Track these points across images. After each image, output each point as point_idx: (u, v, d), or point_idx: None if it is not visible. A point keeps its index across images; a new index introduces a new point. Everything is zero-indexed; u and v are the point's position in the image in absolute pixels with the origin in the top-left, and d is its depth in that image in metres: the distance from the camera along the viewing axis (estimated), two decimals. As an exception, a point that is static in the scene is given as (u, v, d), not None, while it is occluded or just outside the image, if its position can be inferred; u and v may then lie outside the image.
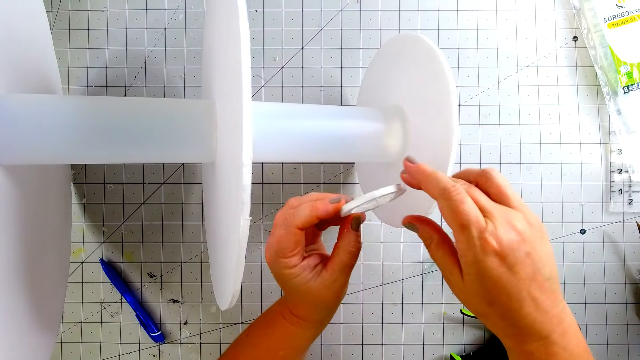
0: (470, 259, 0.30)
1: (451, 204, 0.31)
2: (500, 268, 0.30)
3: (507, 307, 0.31)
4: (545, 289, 0.31)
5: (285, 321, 0.43)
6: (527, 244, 0.31)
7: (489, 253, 0.30)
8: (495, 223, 0.30)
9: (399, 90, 0.48)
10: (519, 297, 0.30)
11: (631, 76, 0.57)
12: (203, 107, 0.40)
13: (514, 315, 0.31)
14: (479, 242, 0.30)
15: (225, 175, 0.36)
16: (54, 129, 0.35)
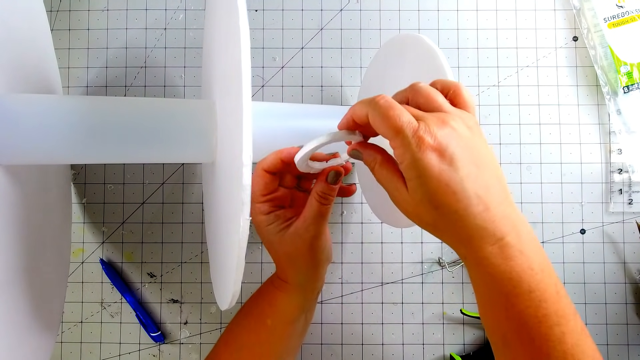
0: (408, 160, 0.29)
1: (380, 111, 0.30)
2: (440, 164, 0.29)
3: (454, 207, 0.29)
4: (492, 186, 0.30)
5: (273, 287, 0.44)
6: (465, 139, 0.30)
7: (425, 149, 0.29)
8: (428, 122, 0.29)
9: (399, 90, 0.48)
10: (464, 195, 0.29)
11: (631, 76, 0.57)
12: (203, 107, 0.40)
13: (463, 216, 0.29)
14: (413, 140, 0.29)
15: (225, 175, 0.36)
16: (54, 129, 0.35)
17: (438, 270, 0.58)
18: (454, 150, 0.29)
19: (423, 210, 0.30)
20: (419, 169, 0.29)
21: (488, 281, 0.31)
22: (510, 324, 0.31)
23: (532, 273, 0.30)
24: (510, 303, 0.30)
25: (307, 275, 0.43)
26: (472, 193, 0.29)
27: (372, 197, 0.55)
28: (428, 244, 0.59)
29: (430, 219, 0.31)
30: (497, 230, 0.30)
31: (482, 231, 0.30)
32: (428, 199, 0.30)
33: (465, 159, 0.29)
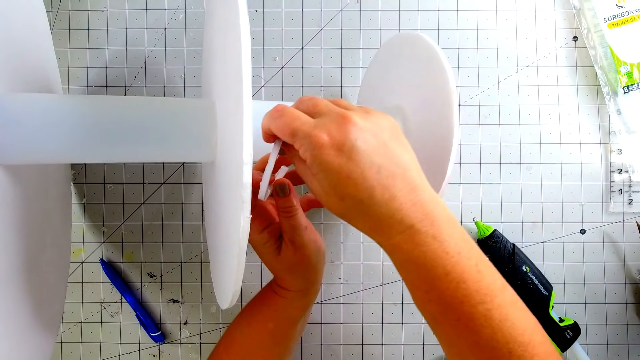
0: (309, 159, 0.30)
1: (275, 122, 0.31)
2: (338, 158, 0.29)
3: (358, 198, 0.30)
4: (397, 176, 0.30)
5: (273, 294, 0.45)
6: (366, 132, 0.30)
7: (322, 146, 0.29)
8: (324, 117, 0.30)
9: (399, 90, 0.48)
10: (366, 185, 0.29)
11: (631, 76, 0.57)
12: (203, 106, 0.40)
13: (369, 205, 0.30)
14: (309, 139, 0.30)
15: (225, 174, 0.36)
16: (54, 129, 0.35)
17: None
18: (353, 144, 0.29)
19: (332, 202, 0.31)
20: (320, 164, 0.30)
21: (405, 266, 0.32)
22: (434, 305, 0.31)
23: (447, 257, 0.30)
24: (429, 286, 0.31)
25: (307, 281, 0.44)
26: (375, 183, 0.30)
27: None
28: (428, 244, 0.59)
29: (340, 209, 0.31)
30: (406, 218, 0.30)
31: (389, 219, 0.30)
32: (333, 191, 0.30)
33: (367, 151, 0.30)
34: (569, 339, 0.55)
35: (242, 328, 0.46)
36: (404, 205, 0.30)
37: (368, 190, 0.30)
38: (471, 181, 0.59)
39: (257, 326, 0.45)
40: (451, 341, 0.32)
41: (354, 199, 0.30)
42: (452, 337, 0.31)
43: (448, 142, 0.40)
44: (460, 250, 0.31)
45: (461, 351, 0.31)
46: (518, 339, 0.30)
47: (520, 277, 0.55)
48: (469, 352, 0.31)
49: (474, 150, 0.59)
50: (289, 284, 0.44)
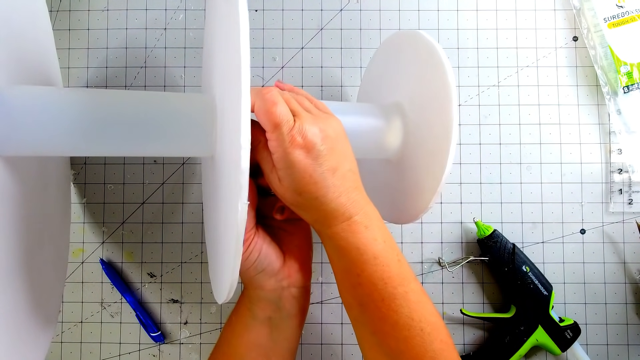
0: (280, 154, 0.35)
1: (266, 105, 0.34)
2: (306, 160, 0.35)
3: (315, 194, 0.35)
4: (347, 178, 0.37)
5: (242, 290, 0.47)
6: (330, 140, 0.36)
7: (295, 147, 0.34)
8: (303, 122, 0.35)
9: (399, 87, 0.48)
10: (324, 185, 0.35)
11: (631, 76, 0.57)
12: (203, 101, 0.40)
13: (322, 201, 0.36)
14: (288, 137, 0.34)
15: (223, 164, 0.36)
16: (54, 121, 0.35)
17: (438, 270, 0.58)
18: (320, 148, 0.35)
19: (289, 195, 0.36)
20: (288, 162, 0.35)
21: (341, 253, 0.37)
22: (363, 288, 0.37)
23: (376, 243, 0.37)
24: (360, 269, 0.36)
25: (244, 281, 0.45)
26: (330, 183, 0.36)
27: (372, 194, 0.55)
28: (428, 244, 0.59)
29: (294, 202, 0.37)
30: (347, 211, 0.37)
31: (335, 212, 0.36)
32: (294, 187, 0.36)
33: (328, 155, 0.35)
34: (569, 339, 0.55)
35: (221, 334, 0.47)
36: (348, 202, 0.37)
37: (324, 189, 0.35)
38: (471, 181, 0.59)
39: (228, 319, 0.46)
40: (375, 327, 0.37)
41: (311, 194, 0.36)
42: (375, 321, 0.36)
43: (447, 138, 0.40)
44: (385, 239, 0.37)
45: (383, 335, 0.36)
46: (429, 319, 0.37)
47: (520, 277, 0.55)
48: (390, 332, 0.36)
49: (474, 150, 0.59)
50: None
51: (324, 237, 0.38)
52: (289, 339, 0.44)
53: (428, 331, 0.36)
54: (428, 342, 0.36)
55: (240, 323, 0.44)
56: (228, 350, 0.44)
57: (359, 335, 0.39)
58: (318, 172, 0.35)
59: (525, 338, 0.55)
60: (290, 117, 0.35)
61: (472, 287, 0.58)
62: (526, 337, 0.55)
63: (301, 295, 0.44)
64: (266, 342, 0.43)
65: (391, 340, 0.36)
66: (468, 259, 0.58)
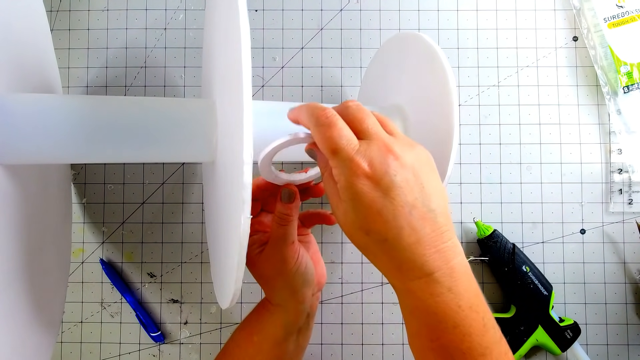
0: (343, 183, 0.29)
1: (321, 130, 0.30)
2: (373, 192, 0.29)
3: (384, 235, 0.29)
4: (428, 220, 0.29)
5: (261, 307, 0.44)
6: (407, 169, 0.29)
7: (359, 175, 0.29)
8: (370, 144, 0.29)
9: (399, 89, 0.48)
10: (396, 225, 0.29)
11: (631, 76, 0.57)
12: (204, 106, 0.40)
13: (393, 245, 0.29)
14: (349, 164, 0.29)
15: (225, 174, 0.36)
16: (54, 129, 0.35)
17: (438, 270, 0.58)
18: (392, 180, 0.29)
19: (355, 232, 0.30)
20: (352, 193, 0.29)
21: (415, 313, 0.31)
22: (436, 354, 0.31)
23: (459, 310, 0.30)
24: (435, 335, 0.30)
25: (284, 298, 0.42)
26: (404, 224, 0.29)
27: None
28: (428, 244, 0.59)
29: (362, 243, 0.31)
30: (427, 265, 0.29)
31: (410, 263, 0.30)
32: (359, 224, 0.30)
33: (403, 189, 0.29)
34: (569, 339, 0.55)
35: (234, 338, 0.45)
36: (428, 252, 0.30)
37: (396, 229, 0.29)
38: (471, 181, 0.59)
39: (244, 338, 0.44)
40: None
41: (380, 236, 0.29)
42: None
43: (448, 142, 0.40)
44: (471, 304, 0.31)
45: None
46: None
47: (520, 277, 0.55)
48: None
49: (474, 150, 0.59)
50: (268, 296, 0.44)
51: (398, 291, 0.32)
52: (306, 341, 0.45)
53: None
54: None
55: (268, 341, 0.42)
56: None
57: None
58: (388, 208, 0.29)
59: (525, 338, 0.55)
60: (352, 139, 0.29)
61: (472, 287, 0.58)
62: (526, 337, 0.55)
63: (318, 297, 0.45)
64: (292, 350, 0.43)
65: None
66: (468, 259, 0.57)
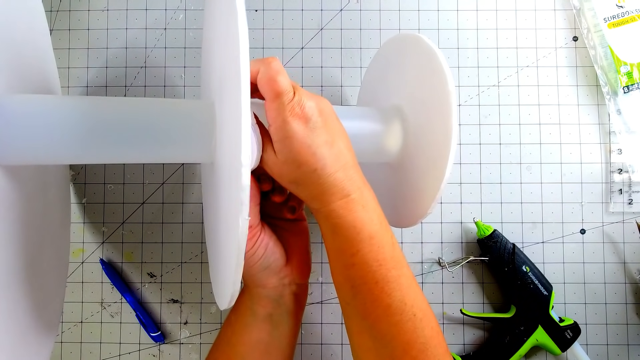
0: (279, 123, 0.34)
1: (269, 73, 0.34)
2: (304, 130, 0.35)
3: (313, 166, 0.35)
4: (343, 154, 0.36)
5: (243, 286, 0.46)
6: (324, 115, 0.36)
7: (295, 117, 0.34)
8: (301, 95, 0.35)
9: (398, 90, 0.48)
10: (322, 157, 0.35)
11: (631, 76, 0.57)
12: (202, 107, 0.40)
13: (319, 174, 0.35)
14: (288, 107, 0.34)
15: (224, 175, 0.36)
16: (53, 130, 0.35)
17: (438, 270, 0.58)
18: (316, 121, 0.35)
19: (287, 169, 0.36)
20: (287, 131, 0.34)
21: (336, 231, 0.36)
22: (356, 269, 0.36)
23: (372, 223, 0.36)
24: (355, 248, 0.36)
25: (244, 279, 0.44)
26: (327, 155, 0.35)
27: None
28: (428, 244, 0.59)
29: (292, 177, 0.36)
30: (345, 188, 0.36)
31: (333, 188, 0.36)
32: (292, 158, 0.35)
33: (324, 129, 0.35)
34: (569, 339, 0.55)
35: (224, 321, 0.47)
36: (346, 178, 0.36)
37: (322, 161, 0.35)
38: (471, 181, 0.59)
39: (227, 318, 0.46)
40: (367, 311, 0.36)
41: (309, 167, 0.35)
42: (367, 305, 0.36)
43: (447, 142, 0.40)
44: (380, 222, 0.37)
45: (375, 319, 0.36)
46: (421, 305, 0.36)
47: (520, 277, 0.55)
48: (382, 316, 0.35)
49: (474, 150, 0.59)
50: None
51: (321, 215, 0.38)
52: (288, 335, 0.44)
53: (420, 317, 0.36)
54: (420, 328, 0.36)
55: (240, 322, 0.44)
56: (228, 349, 0.44)
57: (349, 321, 0.38)
58: (316, 143, 0.35)
59: (525, 338, 0.55)
60: (291, 88, 0.35)
61: (472, 287, 0.58)
62: (526, 337, 0.55)
63: (301, 291, 0.45)
64: (267, 339, 0.43)
65: (382, 325, 0.35)
66: (468, 259, 0.58)
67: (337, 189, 0.36)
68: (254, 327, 0.43)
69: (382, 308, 0.35)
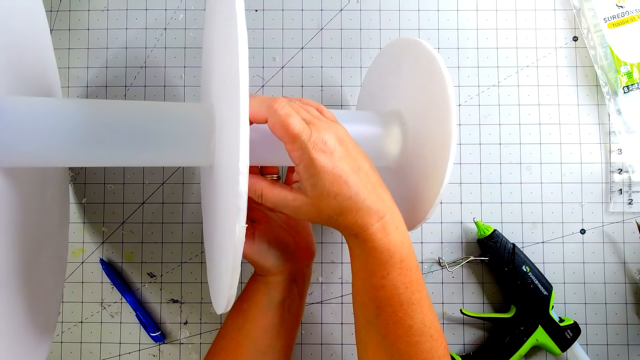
0: (306, 161, 0.35)
1: (280, 119, 0.34)
2: (332, 162, 0.35)
3: (348, 193, 0.35)
4: (371, 176, 0.37)
5: (251, 277, 0.48)
6: (344, 144, 0.37)
7: (320, 152, 0.35)
8: (319, 128, 0.35)
9: (398, 95, 0.48)
10: (354, 184, 0.36)
11: (631, 76, 0.57)
12: (202, 111, 0.40)
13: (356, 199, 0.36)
14: (310, 144, 0.34)
15: (222, 180, 0.36)
16: (52, 132, 0.35)
17: (438, 270, 0.58)
18: (340, 150, 0.36)
19: (324, 204, 0.36)
20: (317, 167, 0.35)
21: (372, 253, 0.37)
22: (385, 291, 0.37)
23: (403, 246, 0.37)
24: (386, 271, 0.37)
25: (259, 271, 0.47)
26: (358, 181, 0.36)
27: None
28: (428, 244, 0.59)
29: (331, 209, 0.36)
30: (380, 210, 0.37)
31: (370, 211, 0.36)
32: (327, 191, 0.35)
33: (348, 156, 0.36)
34: (569, 339, 0.55)
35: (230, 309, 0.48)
36: (378, 199, 0.37)
37: (356, 187, 0.36)
38: (471, 181, 0.59)
39: (236, 305, 0.47)
40: (388, 330, 0.37)
41: (345, 196, 0.35)
42: (390, 325, 0.37)
43: (446, 147, 0.39)
44: (409, 243, 0.38)
45: (395, 339, 0.37)
46: (436, 326, 0.38)
47: (520, 277, 0.55)
48: (403, 336, 0.37)
49: (474, 150, 0.59)
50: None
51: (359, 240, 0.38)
52: (297, 316, 0.48)
53: (435, 337, 0.37)
54: (435, 348, 0.37)
55: (255, 308, 0.46)
56: (239, 335, 0.45)
57: (367, 336, 0.39)
58: (346, 171, 0.35)
59: (525, 338, 0.55)
60: (305, 127, 0.35)
61: (472, 287, 0.58)
62: (526, 337, 0.55)
63: (309, 272, 0.49)
64: (279, 322, 0.46)
65: (402, 345, 0.37)
66: (468, 259, 0.58)
67: (373, 212, 0.36)
68: (269, 312, 0.45)
69: (404, 329, 0.37)
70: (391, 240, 0.37)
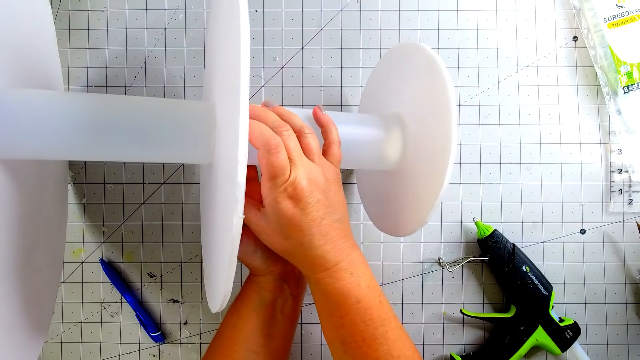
0: (271, 200, 0.36)
1: (268, 153, 0.35)
2: (293, 209, 0.37)
3: (299, 240, 0.38)
4: (334, 227, 0.39)
5: (247, 277, 0.49)
6: (319, 191, 0.38)
7: (285, 198, 0.36)
8: (297, 173, 0.36)
9: (399, 98, 0.48)
10: (309, 232, 0.37)
11: (631, 76, 0.57)
12: (203, 108, 0.40)
13: (307, 247, 0.38)
14: (280, 188, 0.36)
15: (221, 174, 0.36)
16: (52, 125, 0.35)
17: (438, 270, 0.58)
18: (308, 200, 0.37)
19: (277, 239, 0.38)
20: (277, 209, 0.37)
21: (326, 297, 0.40)
22: (346, 329, 0.39)
23: (359, 288, 0.39)
24: (343, 312, 0.39)
25: (250, 268, 0.47)
26: (316, 231, 0.38)
27: (371, 206, 0.55)
28: (428, 244, 0.59)
29: (282, 247, 0.39)
30: (332, 258, 0.39)
31: (320, 259, 0.38)
32: (281, 232, 0.38)
33: (316, 206, 0.37)
34: (569, 339, 0.55)
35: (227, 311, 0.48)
36: (333, 249, 0.39)
37: (309, 236, 0.37)
38: (471, 181, 0.59)
39: (233, 303, 0.48)
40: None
41: (297, 240, 0.38)
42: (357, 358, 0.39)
43: (446, 151, 0.39)
44: (369, 284, 0.40)
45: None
46: (407, 353, 0.40)
47: (520, 277, 0.55)
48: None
49: (474, 150, 0.59)
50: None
51: (310, 280, 0.41)
52: (290, 317, 0.47)
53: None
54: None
55: (247, 306, 0.46)
56: (233, 333, 0.46)
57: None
58: (304, 221, 0.37)
59: (525, 338, 0.55)
60: (286, 167, 0.36)
61: (472, 287, 0.58)
62: (526, 337, 0.55)
63: (301, 275, 0.48)
64: (271, 321, 0.46)
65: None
66: (468, 259, 0.58)
67: (324, 260, 0.38)
68: (260, 310, 0.46)
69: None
70: (344, 284, 0.39)
